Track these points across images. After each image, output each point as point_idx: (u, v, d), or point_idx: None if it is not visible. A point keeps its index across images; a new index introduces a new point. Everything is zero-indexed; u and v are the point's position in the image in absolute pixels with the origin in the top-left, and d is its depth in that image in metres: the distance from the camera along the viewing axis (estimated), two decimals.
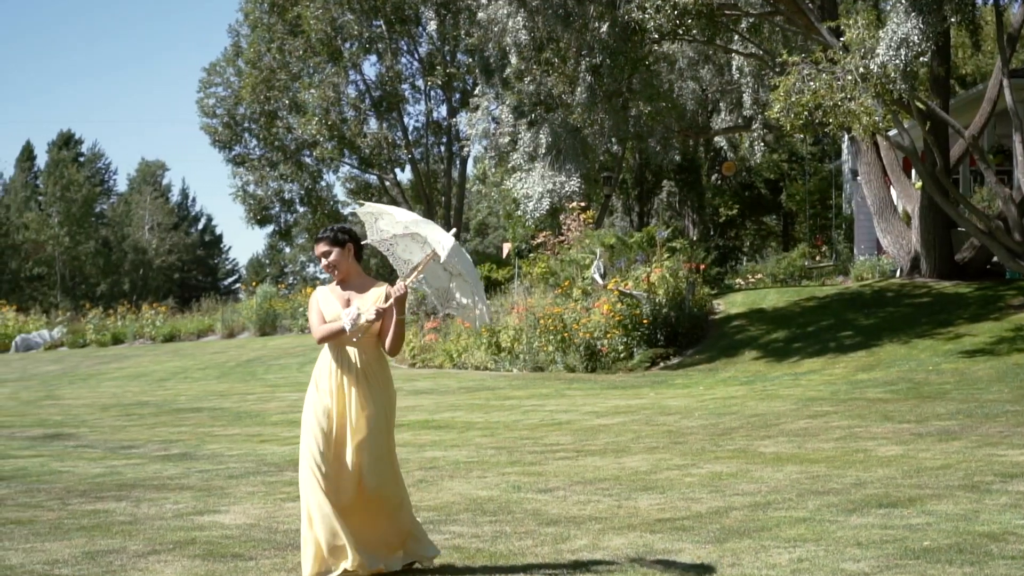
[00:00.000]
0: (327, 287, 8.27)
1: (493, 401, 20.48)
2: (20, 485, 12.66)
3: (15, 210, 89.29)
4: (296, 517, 10.09)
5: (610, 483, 11.35)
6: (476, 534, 9.16)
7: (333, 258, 8.13)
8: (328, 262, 8.16)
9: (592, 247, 28.21)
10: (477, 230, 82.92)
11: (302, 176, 43.11)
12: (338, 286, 8.20)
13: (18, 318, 49.38)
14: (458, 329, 28.58)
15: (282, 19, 40.88)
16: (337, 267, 8.13)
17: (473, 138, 34.48)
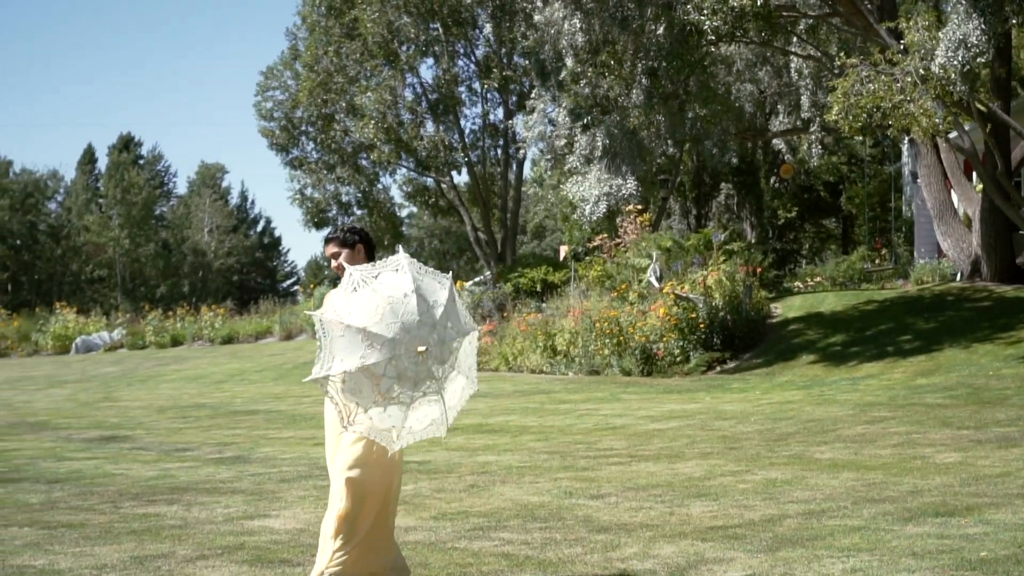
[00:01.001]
0: (339, 290, 7.74)
1: (548, 405, 20.41)
2: (74, 488, 12.71)
3: (76, 212, 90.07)
4: None
5: (663, 489, 11.24)
6: (526, 541, 9.08)
7: (342, 259, 7.87)
8: (337, 264, 7.91)
9: (649, 250, 28.07)
10: (534, 233, 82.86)
11: (359, 179, 43.18)
12: None
13: (79, 320, 49.74)
14: (513, 332, 28.52)
15: (339, 22, 40.95)
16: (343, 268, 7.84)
17: (529, 141, 34.41)
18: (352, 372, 6.85)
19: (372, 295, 6.98)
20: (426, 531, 9.62)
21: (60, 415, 22.73)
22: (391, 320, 6.85)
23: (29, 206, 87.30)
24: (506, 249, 42.99)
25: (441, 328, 6.97)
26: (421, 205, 49.96)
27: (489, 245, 42.88)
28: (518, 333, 28.31)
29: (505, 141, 43.07)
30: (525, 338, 27.83)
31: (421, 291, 6.97)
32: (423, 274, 7.11)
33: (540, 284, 32.82)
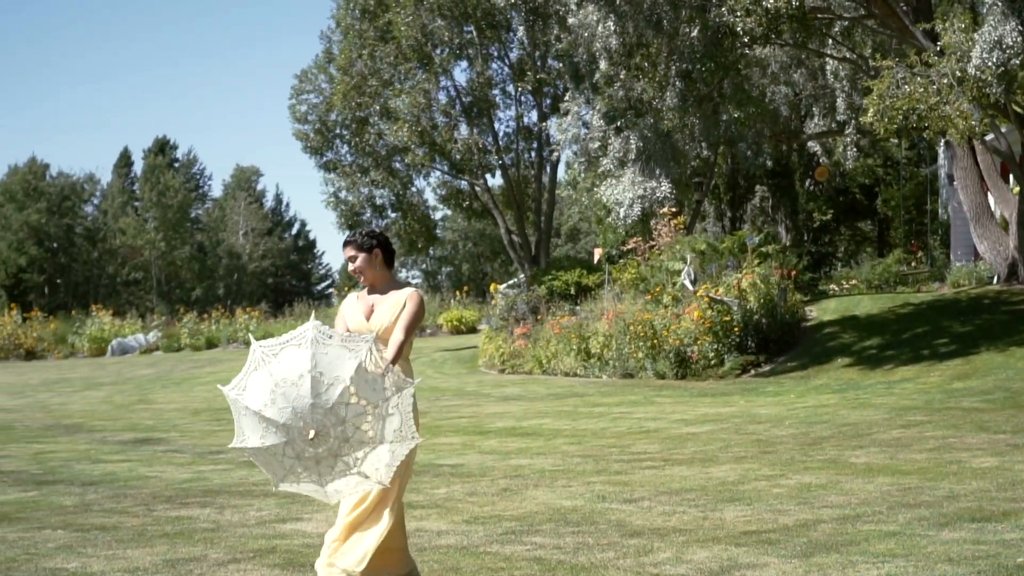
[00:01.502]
0: (355, 294, 7.94)
1: (581, 408, 20.36)
2: (108, 490, 12.75)
3: (112, 215, 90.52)
4: None
5: (696, 494, 11.18)
6: (558, 545, 9.05)
7: (358, 264, 7.76)
8: (354, 267, 7.80)
9: (683, 253, 27.99)
10: (568, 236, 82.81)
11: (393, 182, 43.14)
12: (366, 293, 7.85)
13: (114, 322, 50.01)
14: (547, 335, 28.48)
15: (373, 25, 40.94)
16: (363, 273, 7.77)
17: (563, 143, 34.33)
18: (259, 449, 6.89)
19: (267, 377, 6.85)
20: (458, 535, 9.60)
21: (95, 417, 22.82)
22: (283, 404, 6.76)
23: (66, 209, 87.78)
24: (540, 252, 42.91)
25: (341, 407, 6.80)
26: (455, 208, 49.89)
27: (523, 248, 42.81)
28: (552, 336, 28.27)
29: (539, 144, 42.98)
30: (559, 341, 27.80)
31: (320, 368, 6.78)
32: (330, 346, 6.89)
33: (574, 287, 32.74)
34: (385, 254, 7.81)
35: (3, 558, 9.24)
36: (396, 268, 38.98)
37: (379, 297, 7.76)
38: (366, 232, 7.86)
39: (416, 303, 7.63)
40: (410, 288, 7.74)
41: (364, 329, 7.60)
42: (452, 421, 19.24)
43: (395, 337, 7.45)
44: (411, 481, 12.41)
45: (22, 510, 11.59)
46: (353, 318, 7.73)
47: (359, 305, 7.78)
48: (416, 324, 7.63)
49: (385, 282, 7.81)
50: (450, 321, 43.56)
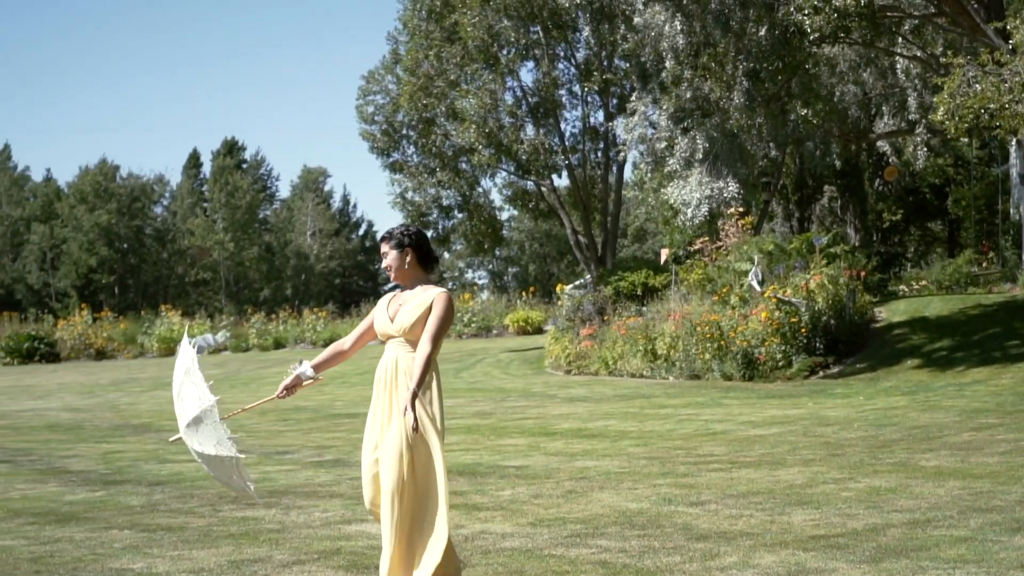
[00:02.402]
0: (392, 293, 7.80)
1: (648, 410, 20.26)
2: (174, 490, 12.81)
3: (181, 216, 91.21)
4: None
5: (764, 497, 11.08)
6: (623, 548, 8.98)
7: (388, 260, 7.66)
8: (384, 264, 7.71)
9: (750, 253, 27.80)
10: (634, 236, 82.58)
11: (459, 183, 43.14)
12: (400, 292, 7.73)
13: (183, 322, 50.35)
14: (613, 336, 28.39)
15: (440, 26, 40.95)
16: (392, 270, 7.67)
17: (630, 143, 34.22)
18: None
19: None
20: (523, 537, 9.55)
21: (163, 417, 22.95)
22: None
23: (136, 210, 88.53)
24: (606, 252, 42.78)
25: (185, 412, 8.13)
26: (521, 208, 49.83)
27: (589, 248, 42.70)
28: (618, 337, 28.17)
29: (605, 144, 42.85)
30: (625, 342, 27.70)
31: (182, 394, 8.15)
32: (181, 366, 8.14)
33: (640, 287, 32.61)
34: (418, 254, 7.65)
35: (70, 558, 9.30)
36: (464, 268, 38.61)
37: (407, 296, 7.63)
38: (401, 229, 7.71)
39: (443, 307, 7.46)
40: (438, 289, 7.56)
41: (389, 330, 7.55)
42: (518, 422, 19.20)
43: (422, 349, 7.33)
44: (477, 483, 12.41)
45: (90, 510, 11.66)
46: (381, 319, 7.65)
47: (390, 305, 7.67)
48: (444, 330, 7.48)
49: (413, 280, 7.67)
50: (516, 322, 43.55)
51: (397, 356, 7.55)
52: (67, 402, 27.70)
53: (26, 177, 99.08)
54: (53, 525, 10.83)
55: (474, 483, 12.52)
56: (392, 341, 7.58)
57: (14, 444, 18.69)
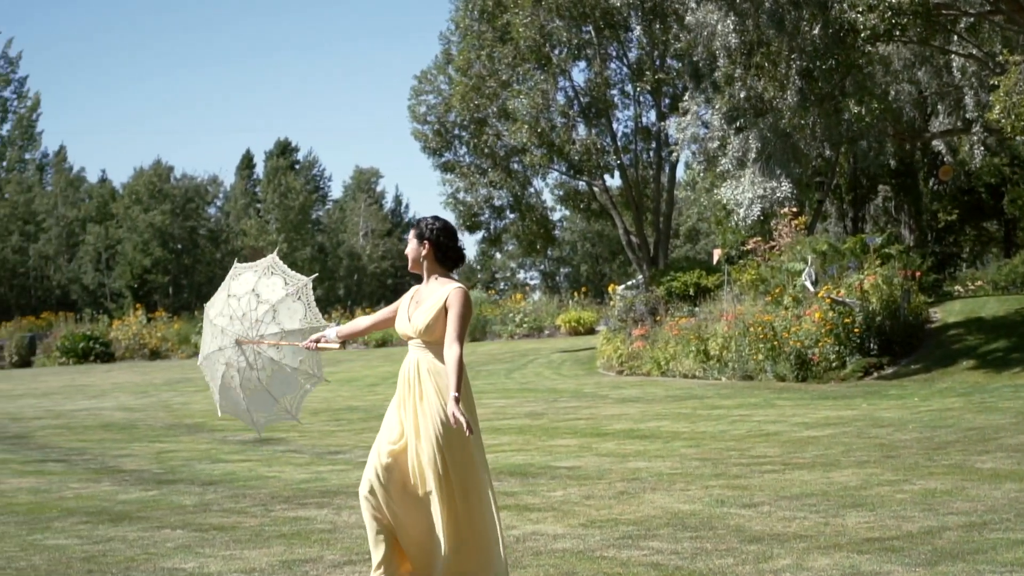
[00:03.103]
0: (413, 289, 7.70)
1: (700, 410, 20.17)
2: (227, 490, 12.84)
3: (235, 217, 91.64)
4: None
5: (817, 499, 10.98)
6: (675, 550, 8.92)
7: (408, 248, 7.60)
8: (408, 252, 7.63)
9: (804, 254, 27.64)
10: (687, 236, 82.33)
11: (511, 183, 43.11)
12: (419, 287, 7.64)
13: None
14: (666, 336, 28.29)
15: (491, 26, 40.93)
16: (409, 259, 7.58)
17: (682, 143, 34.10)
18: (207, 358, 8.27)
19: (224, 292, 8.21)
20: (575, 539, 9.51)
21: (216, 417, 23.03)
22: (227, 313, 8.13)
23: (190, 211, 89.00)
24: (659, 252, 42.65)
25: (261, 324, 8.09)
26: (573, 208, 49.78)
27: (641, 248, 42.58)
28: (670, 337, 28.07)
29: (658, 144, 42.72)
30: (677, 342, 27.60)
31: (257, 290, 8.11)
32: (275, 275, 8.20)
33: (693, 288, 32.49)
34: (435, 250, 7.53)
35: (122, 557, 9.33)
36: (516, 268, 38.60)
37: (424, 294, 7.54)
38: (428, 222, 7.62)
39: (460, 304, 7.34)
40: (452, 285, 7.44)
41: (407, 330, 7.48)
42: (569, 423, 19.15)
43: (451, 353, 7.22)
44: (528, 483, 12.38)
45: (143, 509, 11.71)
46: (401, 318, 7.57)
47: (410, 304, 7.59)
48: (466, 326, 7.38)
49: (431, 275, 7.57)
50: (568, 322, 43.50)
51: (418, 359, 7.46)
52: (121, 402, 27.87)
53: (81, 178, 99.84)
54: (106, 524, 10.88)
55: (525, 484, 12.49)
56: (412, 342, 7.52)
57: (69, 443, 18.81)
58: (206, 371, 8.27)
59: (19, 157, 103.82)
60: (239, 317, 8.08)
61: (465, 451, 7.34)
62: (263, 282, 8.15)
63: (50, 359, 50.13)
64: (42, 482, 14.09)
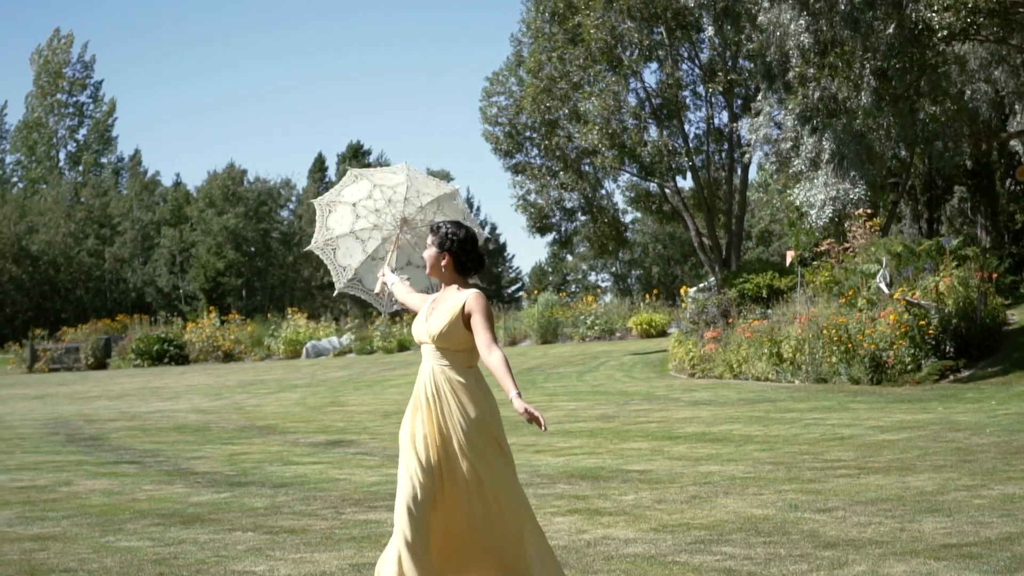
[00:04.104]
0: (434, 295, 7.64)
1: (773, 414, 20.00)
2: (298, 492, 12.86)
3: (307, 220, 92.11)
4: (565, 532, 9.94)
5: (893, 504, 10.83)
6: (748, 556, 8.81)
7: (426, 253, 7.52)
8: (424, 253, 7.57)
9: (878, 255, 27.35)
10: (759, 238, 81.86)
11: (582, 185, 43.02)
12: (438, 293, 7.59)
13: (309, 325, 50.89)
14: (738, 339, 28.10)
15: (562, 28, 40.90)
16: (427, 264, 7.51)
17: (754, 144, 33.88)
18: (347, 235, 8.47)
19: (367, 182, 8.43)
20: (646, 543, 9.43)
21: (288, 419, 23.16)
22: (378, 196, 8.37)
23: (263, 214, 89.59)
24: (731, 254, 42.43)
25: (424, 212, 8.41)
26: (645, 210, 49.63)
27: (713, 250, 42.37)
28: (743, 340, 27.87)
29: (730, 145, 42.52)
30: (750, 345, 27.39)
31: (410, 180, 8.40)
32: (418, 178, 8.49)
33: (765, 290, 32.26)
34: (455, 261, 7.46)
35: (193, 560, 9.36)
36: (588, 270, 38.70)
37: (441, 300, 7.47)
38: (449, 231, 7.51)
39: (482, 308, 7.27)
40: (468, 291, 7.37)
41: (422, 335, 7.40)
42: (641, 426, 19.05)
43: (493, 359, 7.13)
44: (599, 487, 12.31)
45: (215, 511, 11.74)
46: (418, 322, 7.50)
47: (428, 308, 7.52)
48: (493, 328, 7.31)
49: (450, 282, 7.51)
50: (639, 324, 43.35)
51: (434, 371, 7.36)
52: (195, 404, 28.07)
53: (156, 182, 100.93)
54: (178, 526, 10.92)
55: (597, 487, 12.41)
56: (425, 348, 7.41)
57: (143, 445, 18.95)
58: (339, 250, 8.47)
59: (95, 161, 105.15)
60: (400, 199, 8.35)
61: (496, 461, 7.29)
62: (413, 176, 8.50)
63: (125, 361, 50.62)
64: (115, 484, 14.19)
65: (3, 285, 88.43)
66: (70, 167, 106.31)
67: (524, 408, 6.98)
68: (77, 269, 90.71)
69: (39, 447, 19.22)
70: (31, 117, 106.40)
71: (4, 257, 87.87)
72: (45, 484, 14.37)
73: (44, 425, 23.54)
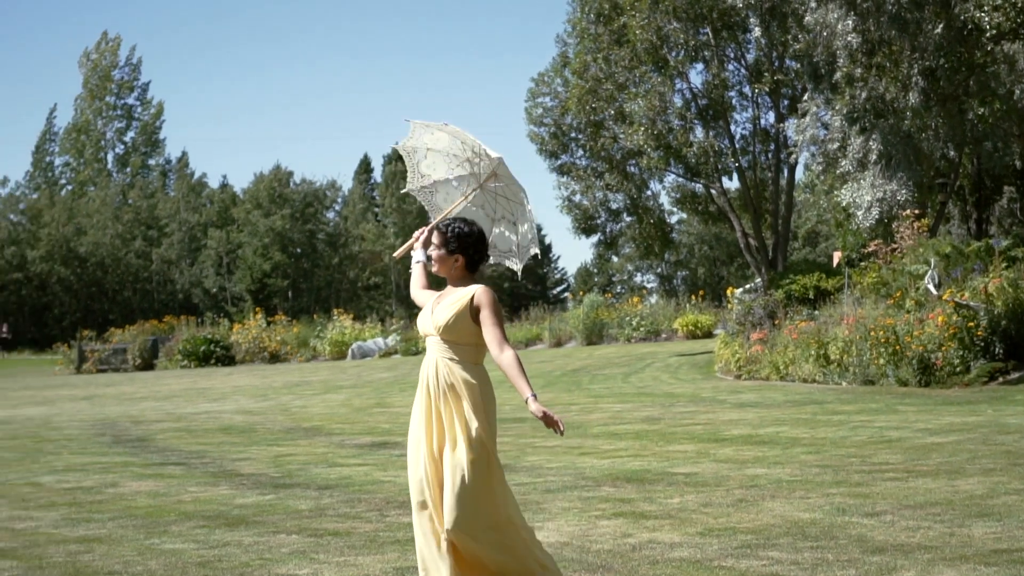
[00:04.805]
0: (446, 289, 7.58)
1: (820, 416, 19.85)
2: (342, 495, 12.84)
3: (353, 221, 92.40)
4: (610, 536, 9.88)
5: (942, 508, 10.70)
6: (795, 561, 8.72)
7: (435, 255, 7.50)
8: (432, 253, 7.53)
9: (926, 256, 27.14)
10: (806, 239, 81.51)
11: (627, 186, 42.98)
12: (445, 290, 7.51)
13: (354, 326, 51.03)
14: (785, 340, 27.95)
15: (608, 29, 40.88)
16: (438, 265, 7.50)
17: (801, 145, 33.73)
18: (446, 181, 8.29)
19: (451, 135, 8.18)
20: (692, 548, 9.35)
21: (334, 420, 23.18)
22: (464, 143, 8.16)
23: (309, 215, 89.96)
24: (777, 255, 42.27)
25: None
26: (691, 211, 49.58)
27: (760, 251, 42.23)
28: (789, 341, 27.71)
29: (776, 146, 42.37)
30: (797, 346, 27.23)
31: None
32: None
33: (812, 291, 32.09)
34: (467, 261, 7.49)
35: (238, 563, 9.35)
36: (634, 271, 38.65)
37: (447, 291, 7.46)
38: (459, 231, 7.50)
39: (491, 304, 7.27)
40: (475, 286, 7.36)
41: (427, 326, 7.36)
42: (686, 428, 18.96)
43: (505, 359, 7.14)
44: (645, 490, 12.23)
45: (259, 513, 11.74)
46: (424, 314, 7.45)
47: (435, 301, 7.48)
48: (503, 325, 7.30)
49: (457, 280, 7.50)
50: (685, 326, 43.24)
51: (438, 364, 7.35)
52: (241, 405, 28.16)
53: (203, 184, 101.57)
54: (223, 529, 10.93)
55: (642, 490, 12.34)
56: (430, 340, 7.38)
57: (188, 447, 19.01)
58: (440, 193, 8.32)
59: (143, 163, 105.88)
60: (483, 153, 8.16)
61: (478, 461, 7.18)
62: None
63: (172, 362, 50.90)
64: (161, 485, 14.22)
65: (52, 287, 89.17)
66: (118, 169, 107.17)
67: (542, 411, 6.93)
68: (124, 270, 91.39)
69: (86, 448, 19.31)
70: (80, 120, 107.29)
71: (53, 259, 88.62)
72: (91, 485, 14.43)
73: (91, 426, 23.66)
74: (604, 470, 13.99)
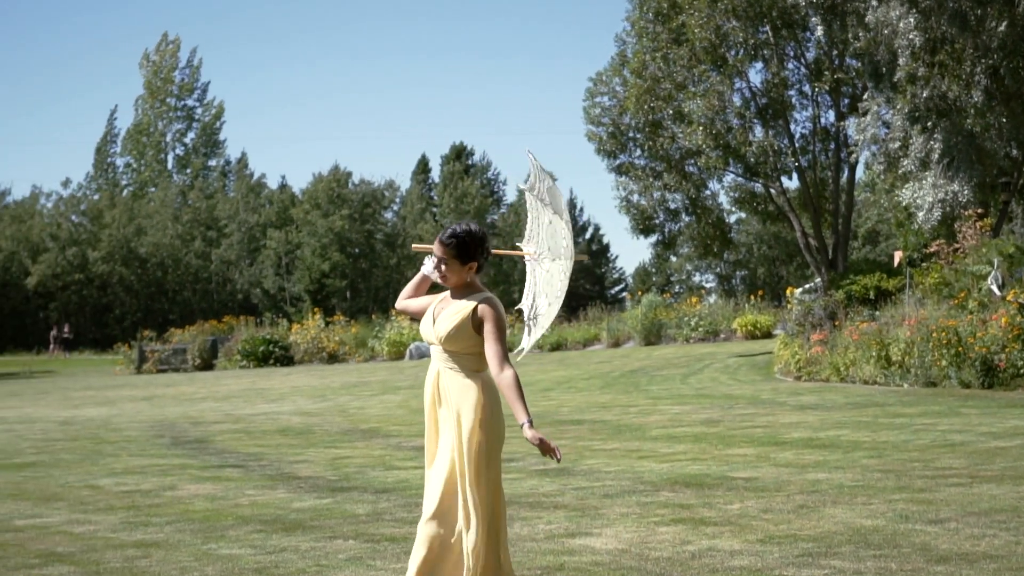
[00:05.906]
0: (444, 293, 7.36)
1: (881, 419, 19.62)
2: (399, 498, 12.79)
3: (411, 221, 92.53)
4: (669, 543, 9.77)
5: (1007, 515, 10.51)
6: (858, 570, 8.58)
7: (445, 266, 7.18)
8: (442, 271, 7.23)
9: (989, 256, 26.82)
10: (866, 238, 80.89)
11: (686, 185, 42.81)
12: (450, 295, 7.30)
13: (412, 327, 50.96)
14: (845, 341, 27.70)
15: (666, 27, 40.73)
16: (448, 274, 7.18)
17: (861, 144, 33.44)
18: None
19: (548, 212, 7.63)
20: (752, 555, 9.21)
21: (391, 422, 23.15)
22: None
23: (367, 215, 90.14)
24: (837, 255, 41.97)
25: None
26: (750, 211, 49.29)
27: (819, 251, 41.94)
28: (850, 342, 27.46)
29: (836, 145, 42.09)
30: (857, 348, 26.97)
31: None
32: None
33: (873, 291, 31.82)
34: (479, 266, 7.25)
35: (294, 569, 9.30)
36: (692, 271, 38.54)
37: (451, 298, 7.25)
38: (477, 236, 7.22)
39: (494, 319, 7.03)
40: (481, 295, 7.15)
41: (429, 334, 7.21)
42: (746, 431, 18.78)
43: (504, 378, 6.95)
44: (704, 495, 12.10)
45: (316, 517, 11.70)
46: (426, 320, 7.27)
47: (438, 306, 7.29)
48: (504, 341, 7.05)
49: (465, 287, 7.25)
50: (744, 326, 42.97)
51: (439, 374, 7.24)
52: (299, 406, 28.19)
53: (262, 184, 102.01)
54: (280, 533, 10.89)
55: (701, 496, 12.20)
56: (434, 349, 7.27)
57: (246, 448, 19.02)
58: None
59: (203, 164, 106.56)
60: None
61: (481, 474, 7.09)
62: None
63: (231, 362, 51.10)
64: (218, 488, 14.22)
65: (112, 287, 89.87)
66: (178, 170, 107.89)
67: (538, 438, 6.82)
68: (184, 271, 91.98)
69: (145, 450, 19.37)
70: (141, 121, 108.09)
71: (114, 259, 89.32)
72: (150, 488, 14.45)
73: (150, 428, 23.75)
74: (663, 474, 13.86)
